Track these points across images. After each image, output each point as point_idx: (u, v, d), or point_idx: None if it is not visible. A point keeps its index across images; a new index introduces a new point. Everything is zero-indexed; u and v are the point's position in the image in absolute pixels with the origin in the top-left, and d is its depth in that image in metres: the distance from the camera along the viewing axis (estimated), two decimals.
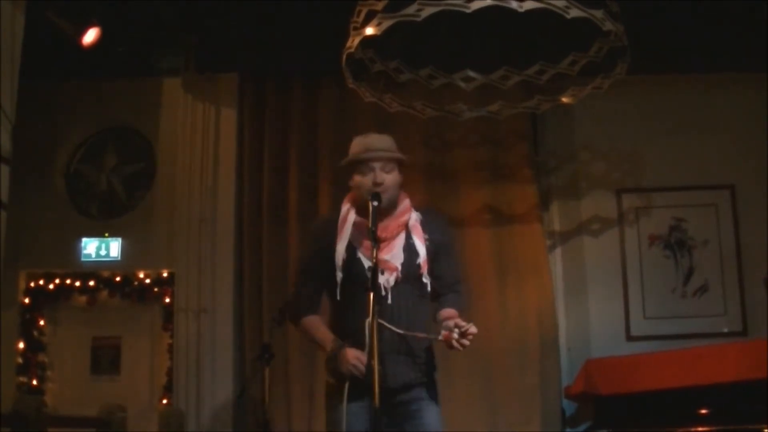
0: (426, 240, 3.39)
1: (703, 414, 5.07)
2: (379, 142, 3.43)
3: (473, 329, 3.14)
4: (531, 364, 5.96)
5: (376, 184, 3.30)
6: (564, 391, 5.87)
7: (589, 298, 6.21)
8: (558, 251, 6.35)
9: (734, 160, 6.26)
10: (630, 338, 6.13)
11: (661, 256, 6.25)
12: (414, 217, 3.44)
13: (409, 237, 3.38)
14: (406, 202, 3.46)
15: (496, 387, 5.95)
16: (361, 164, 3.36)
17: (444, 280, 3.47)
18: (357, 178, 3.37)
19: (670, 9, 5.53)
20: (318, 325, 3.45)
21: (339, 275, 3.33)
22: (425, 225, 3.44)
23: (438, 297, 3.47)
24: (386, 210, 3.35)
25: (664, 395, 5.12)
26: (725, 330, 6.04)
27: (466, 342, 3.15)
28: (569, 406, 5.96)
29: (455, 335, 3.13)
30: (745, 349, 5.08)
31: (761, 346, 4.91)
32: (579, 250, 6.31)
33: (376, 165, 3.34)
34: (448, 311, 3.35)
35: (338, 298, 3.34)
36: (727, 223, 6.23)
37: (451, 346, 3.18)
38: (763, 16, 5.43)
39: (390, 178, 3.35)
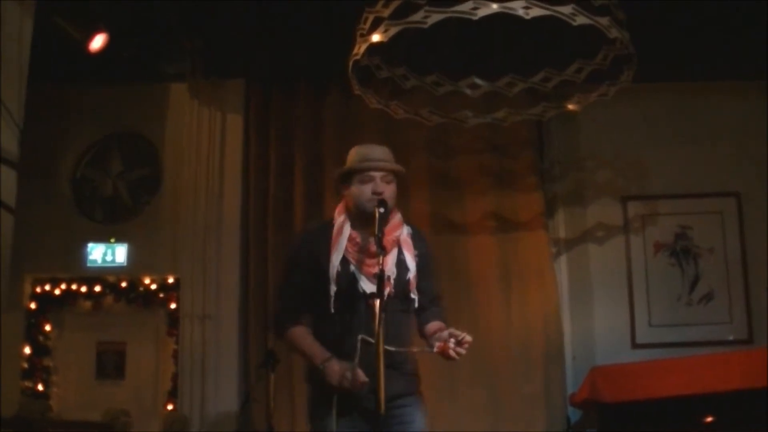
0: (415, 255, 3.36)
1: (707, 422, 5.06)
2: (379, 152, 3.38)
3: (469, 338, 3.12)
4: (536, 371, 5.97)
5: (375, 193, 3.25)
6: (569, 398, 5.86)
7: (594, 305, 6.20)
8: (563, 259, 6.35)
9: (740, 168, 6.26)
10: (635, 346, 6.12)
11: (667, 264, 6.24)
12: (405, 232, 3.40)
13: (400, 252, 3.34)
14: (397, 217, 3.41)
15: (501, 394, 5.95)
16: (359, 174, 3.31)
17: (426, 295, 3.42)
18: (354, 188, 3.32)
19: (675, 17, 5.54)
20: (306, 336, 3.35)
21: (333, 288, 3.26)
22: (414, 240, 3.41)
23: (420, 311, 3.42)
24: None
25: (669, 403, 5.11)
26: (731, 338, 6.04)
27: (462, 350, 3.12)
28: (574, 414, 5.95)
29: (451, 344, 3.11)
30: (750, 358, 5.09)
31: (765, 354, 4.90)
32: (584, 257, 6.31)
33: (377, 175, 3.30)
34: (436, 324, 3.32)
35: (332, 310, 3.27)
36: (732, 231, 6.22)
37: (449, 356, 3.15)
38: (765, 24, 5.43)
39: (389, 189, 3.30)
